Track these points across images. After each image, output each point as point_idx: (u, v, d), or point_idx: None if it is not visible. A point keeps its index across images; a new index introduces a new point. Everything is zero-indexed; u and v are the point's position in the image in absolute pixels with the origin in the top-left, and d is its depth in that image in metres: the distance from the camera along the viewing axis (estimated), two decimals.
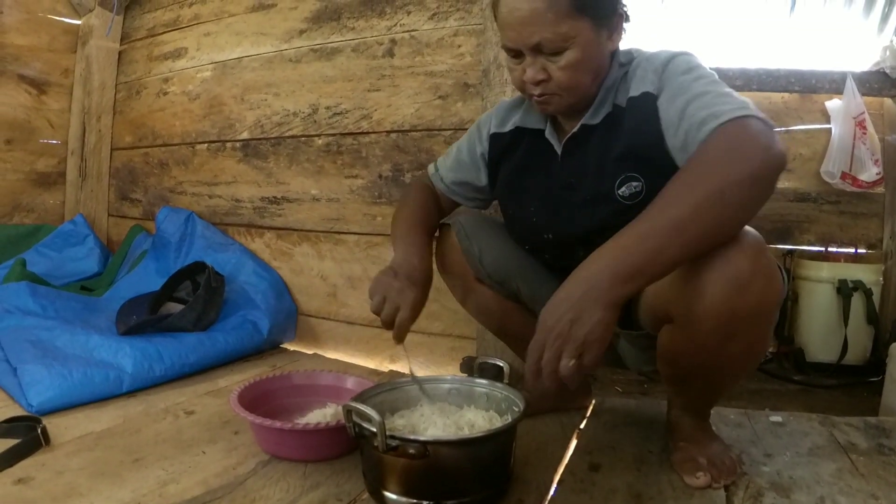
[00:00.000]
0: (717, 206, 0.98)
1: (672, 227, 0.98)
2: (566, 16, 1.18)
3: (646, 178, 1.24)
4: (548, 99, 1.29)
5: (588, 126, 1.33)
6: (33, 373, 1.70)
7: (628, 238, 1.01)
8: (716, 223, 0.99)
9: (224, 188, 2.77)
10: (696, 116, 1.10)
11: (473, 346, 2.10)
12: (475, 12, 2.12)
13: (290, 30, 2.56)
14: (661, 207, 1.00)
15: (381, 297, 1.32)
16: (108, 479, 1.27)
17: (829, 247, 2.37)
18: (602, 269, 1.00)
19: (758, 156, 0.99)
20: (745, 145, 1.01)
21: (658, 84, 1.23)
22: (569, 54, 1.22)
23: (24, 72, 3.00)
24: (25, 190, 3.08)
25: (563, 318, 0.99)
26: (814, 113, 2.41)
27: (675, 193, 1.01)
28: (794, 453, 1.41)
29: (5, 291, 2.29)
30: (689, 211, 0.98)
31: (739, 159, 0.99)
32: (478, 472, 1.15)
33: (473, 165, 1.57)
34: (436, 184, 1.63)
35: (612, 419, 1.62)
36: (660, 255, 0.99)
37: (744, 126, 1.04)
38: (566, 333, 0.99)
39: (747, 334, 1.11)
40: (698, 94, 1.14)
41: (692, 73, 1.20)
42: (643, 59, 1.29)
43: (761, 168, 0.99)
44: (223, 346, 2.13)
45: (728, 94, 1.12)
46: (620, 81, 1.32)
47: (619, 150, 1.27)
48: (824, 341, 2.27)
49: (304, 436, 1.35)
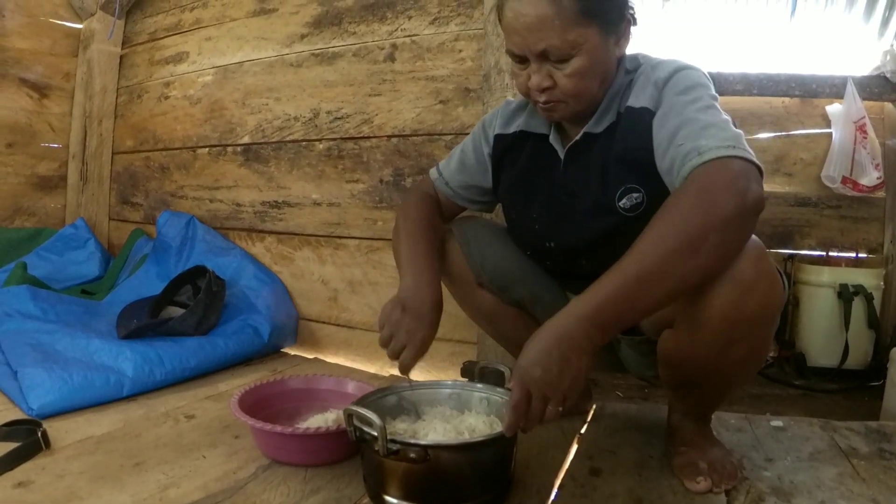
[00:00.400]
0: (687, 257, 0.98)
1: (644, 279, 0.99)
2: (574, 23, 1.16)
3: (646, 189, 1.24)
4: (553, 106, 1.27)
5: (591, 134, 1.31)
6: (34, 376, 1.70)
7: (604, 290, 1.01)
8: (688, 272, 0.99)
9: (225, 192, 2.78)
10: (682, 148, 1.09)
11: (474, 350, 2.11)
12: (476, 17, 2.13)
13: (292, 34, 2.56)
14: (633, 259, 1.00)
15: (388, 333, 1.27)
16: (108, 483, 1.27)
17: (830, 251, 2.36)
18: (577, 322, 1.02)
19: (731, 202, 0.97)
20: (721, 191, 0.99)
21: (657, 99, 1.22)
22: (575, 62, 1.20)
23: (25, 75, 3.01)
24: (26, 193, 3.08)
25: (550, 372, 1.01)
26: (814, 117, 2.41)
27: (647, 244, 1.00)
28: (795, 458, 1.40)
29: (6, 295, 2.29)
30: (660, 263, 0.98)
31: (713, 207, 0.97)
32: (478, 477, 1.15)
33: (480, 166, 1.54)
34: (439, 188, 1.59)
35: (613, 424, 1.61)
36: (632, 307, 1.01)
37: (724, 167, 1.02)
38: (554, 383, 1.02)
39: (750, 338, 1.11)
40: (688, 120, 1.12)
41: (689, 94, 1.18)
42: (648, 67, 1.28)
43: (735, 215, 0.98)
44: (224, 351, 2.13)
45: (716, 125, 1.09)
46: (626, 89, 1.30)
47: (617, 160, 1.27)
48: (825, 346, 2.27)
49: (305, 440, 1.35)
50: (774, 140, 2.44)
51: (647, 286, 0.99)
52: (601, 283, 1.02)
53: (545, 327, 1.05)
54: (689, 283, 1.01)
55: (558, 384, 1.02)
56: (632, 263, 1.00)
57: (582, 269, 1.39)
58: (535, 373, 1.02)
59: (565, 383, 1.02)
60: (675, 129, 1.13)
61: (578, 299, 1.03)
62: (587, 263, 1.37)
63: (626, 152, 1.25)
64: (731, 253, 1.02)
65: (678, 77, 1.22)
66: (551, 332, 1.04)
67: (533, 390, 1.02)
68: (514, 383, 1.04)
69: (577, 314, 1.02)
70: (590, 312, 1.01)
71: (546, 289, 1.53)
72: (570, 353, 1.01)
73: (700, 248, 0.97)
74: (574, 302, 1.04)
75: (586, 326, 1.01)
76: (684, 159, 1.07)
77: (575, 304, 1.04)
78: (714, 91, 1.21)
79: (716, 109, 1.15)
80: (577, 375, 1.02)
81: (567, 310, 1.04)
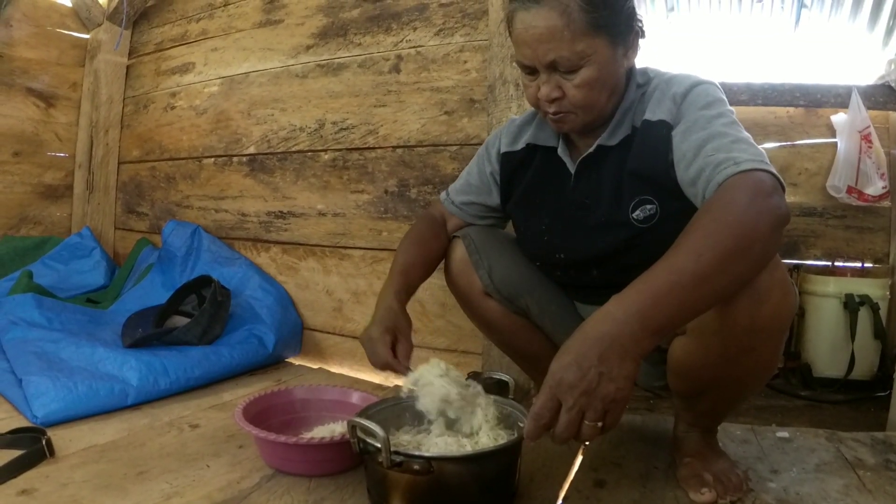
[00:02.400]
0: (743, 257, 0.95)
1: (701, 277, 0.93)
2: (583, 34, 1.17)
3: (659, 201, 1.24)
4: (563, 117, 1.27)
5: (604, 147, 1.32)
6: (38, 384, 1.70)
7: (656, 288, 0.93)
8: (741, 273, 0.97)
9: (230, 202, 2.78)
10: (714, 157, 1.09)
11: (479, 361, 2.10)
12: (481, 28, 2.13)
13: (297, 45, 2.57)
14: (688, 256, 0.94)
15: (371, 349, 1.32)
16: (112, 492, 1.27)
17: (836, 261, 2.37)
18: (623, 322, 0.92)
19: (773, 212, 0.98)
20: (765, 198, 0.99)
21: (676, 113, 1.23)
22: (584, 72, 1.20)
23: (32, 85, 3.03)
24: (33, 202, 3.10)
25: (590, 373, 0.90)
26: (819, 127, 2.42)
27: (701, 243, 0.95)
28: (801, 469, 1.40)
29: (11, 303, 2.30)
30: (718, 262, 0.93)
31: (761, 214, 0.97)
32: (482, 489, 1.14)
33: (484, 186, 1.56)
34: (448, 208, 1.62)
35: (618, 435, 1.61)
36: (686, 309, 0.95)
37: (762, 179, 1.02)
38: (593, 390, 0.90)
39: (763, 347, 1.12)
40: (716, 133, 1.13)
41: (712, 109, 1.19)
42: (662, 81, 1.28)
43: (777, 225, 0.98)
44: (228, 361, 2.13)
45: (745, 141, 1.11)
46: (638, 103, 1.31)
47: (631, 172, 1.27)
48: (831, 356, 2.26)
49: (309, 450, 1.35)
50: (779, 150, 2.45)
51: (704, 285, 0.93)
52: (648, 280, 0.94)
53: (583, 327, 0.95)
54: (738, 285, 1.00)
55: (596, 393, 0.90)
56: (686, 261, 0.94)
57: (592, 280, 1.39)
58: (569, 377, 0.91)
59: (605, 392, 0.90)
60: (702, 142, 1.13)
61: (622, 297, 0.95)
62: (598, 275, 1.37)
63: (643, 165, 1.25)
64: (768, 261, 1.02)
65: (697, 92, 1.23)
66: (590, 331, 0.94)
67: (564, 398, 0.91)
68: (542, 388, 0.94)
69: (623, 312, 0.92)
70: (639, 311, 0.92)
71: (554, 299, 1.53)
72: (612, 356, 0.90)
73: (751, 252, 0.96)
74: (617, 300, 0.95)
75: (634, 327, 0.91)
76: (717, 167, 1.07)
77: (618, 302, 0.94)
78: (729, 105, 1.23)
79: (740, 126, 1.16)
80: (621, 385, 0.91)
81: (608, 308, 0.94)
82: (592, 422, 0.91)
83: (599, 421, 0.91)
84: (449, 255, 1.56)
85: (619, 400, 0.91)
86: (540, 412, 0.93)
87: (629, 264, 1.00)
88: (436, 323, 2.22)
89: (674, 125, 1.22)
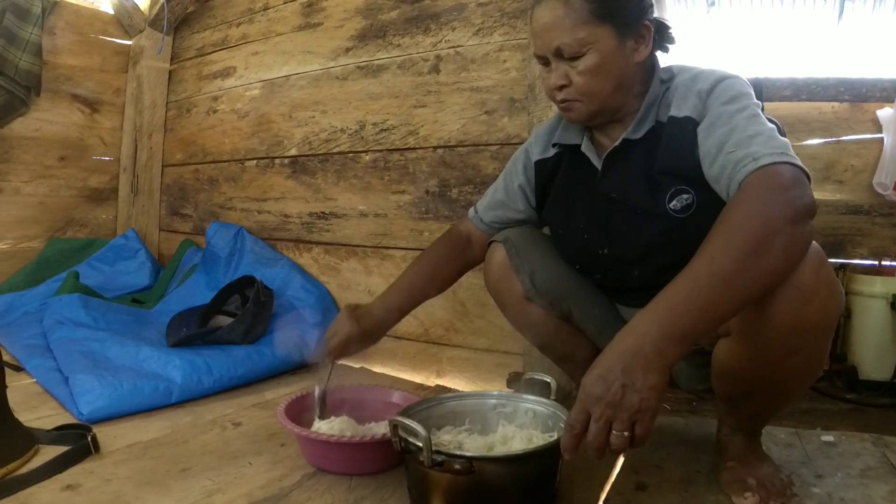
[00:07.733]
0: (759, 257, 0.95)
1: (716, 281, 0.94)
2: (585, 22, 1.23)
3: (695, 191, 1.23)
4: (569, 105, 1.31)
5: (630, 140, 1.32)
6: (84, 382, 1.74)
7: (674, 297, 0.95)
8: (760, 273, 0.96)
9: (272, 204, 2.81)
10: (734, 154, 1.10)
11: (520, 361, 2.09)
12: (520, 27, 2.13)
13: (337, 48, 2.59)
14: (702, 262, 0.96)
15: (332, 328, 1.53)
16: (154, 488, 1.29)
17: (883, 260, 2.31)
18: (650, 331, 0.94)
19: (790, 204, 0.98)
20: (779, 193, 0.99)
21: (701, 109, 1.23)
22: (587, 59, 1.25)
23: (77, 91, 3.10)
24: (79, 205, 3.17)
25: (614, 386, 0.92)
26: (864, 122, 2.36)
27: (715, 246, 0.97)
28: (846, 474, 1.37)
29: (58, 303, 2.35)
30: (731, 263, 0.94)
31: (774, 209, 0.97)
32: (523, 490, 1.14)
33: (511, 201, 1.59)
34: (476, 224, 1.64)
35: (660, 438, 1.59)
36: (708, 313, 0.94)
37: (778, 173, 1.03)
38: (617, 402, 0.92)
39: (809, 348, 1.10)
40: (737, 128, 1.14)
41: (735, 104, 1.19)
42: (687, 77, 1.29)
43: (795, 217, 0.97)
44: (271, 360, 2.15)
45: (765, 133, 1.11)
46: (662, 97, 1.32)
47: (661, 165, 1.27)
48: (878, 359, 2.21)
49: (350, 449, 1.36)
50: (824, 147, 2.40)
51: (721, 289, 0.94)
52: (667, 290, 0.96)
53: (611, 343, 0.97)
54: (760, 286, 0.98)
55: (622, 404, 0.92)
56: (701, 266, 0.96)
57: (634, 280, 1.37)
58: (596, 390, 0.93)
59: (629, 403, 0.91)
60: (724, 138, 1.14)
61: (645, 311, 0.97)
62: (638, 275, 1.36)
63: (672, 163, 1.25)
64: (798, 255, 1.01)
65: (722, 86, 1.23)
66: (616, 346, 0.96)
67: (592, 410, 0.94)
68: (576, 401, 0.96)
69: (646, 324, 0.95)
70: (659, 321, 0.94)
71: (597, 302, 1.52)
72: (635, 369, 0.92)
73: (769, 248, 0.95)
74: (640, 314, 0.97)
75: (656, 338, 0.93)
76: (737, 166, 1.08)
77: (641, 314, 0.97)
78: (756, 99, 1.22)
79: (762, 118, 1.16)
80: (646, 396, 0.91)
81: (632, 323, 0.97)
82: (619, 432, 0.93)
83: (627, 431, 0.93)
84: (488, 260, 1.56)
85: (644, 410, 0.92)
86: (572, 423, 0.96)
87: (669, 263, 1.00)
88: (476, 323, 2.22)
89: (699, 121, 1.22)
